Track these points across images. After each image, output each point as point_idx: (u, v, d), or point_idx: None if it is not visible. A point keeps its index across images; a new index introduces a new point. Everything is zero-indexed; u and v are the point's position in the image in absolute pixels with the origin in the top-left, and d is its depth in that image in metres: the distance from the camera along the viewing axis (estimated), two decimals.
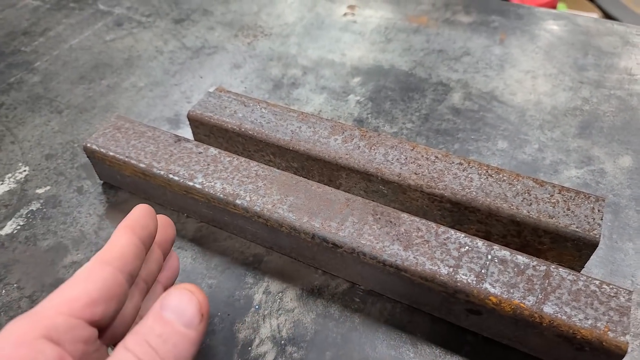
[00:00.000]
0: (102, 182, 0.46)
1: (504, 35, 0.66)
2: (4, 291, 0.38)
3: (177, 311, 0.23)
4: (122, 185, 0.45)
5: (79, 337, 0.22)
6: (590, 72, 0.59)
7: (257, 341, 0.34)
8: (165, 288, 0.31)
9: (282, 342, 0.34)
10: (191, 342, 0.23)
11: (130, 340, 0.22)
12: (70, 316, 0.22)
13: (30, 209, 0.44)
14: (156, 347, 0.22)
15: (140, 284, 0.28)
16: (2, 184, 0.46)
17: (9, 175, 0.47)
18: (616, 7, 1.90)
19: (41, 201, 0.44)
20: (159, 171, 0.40)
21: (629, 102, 0.54)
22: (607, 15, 1.90)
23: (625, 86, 0.57)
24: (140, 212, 0.28)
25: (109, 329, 0.25)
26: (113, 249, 0.25)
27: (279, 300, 0.37)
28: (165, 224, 0.32)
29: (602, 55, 0.62)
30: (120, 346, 0.22)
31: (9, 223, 0.43)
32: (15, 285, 0.38)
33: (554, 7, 1.68)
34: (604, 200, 0.36)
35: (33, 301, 0.37)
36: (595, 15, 1.85)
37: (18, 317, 0.22)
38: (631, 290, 0.31)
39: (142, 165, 0.40)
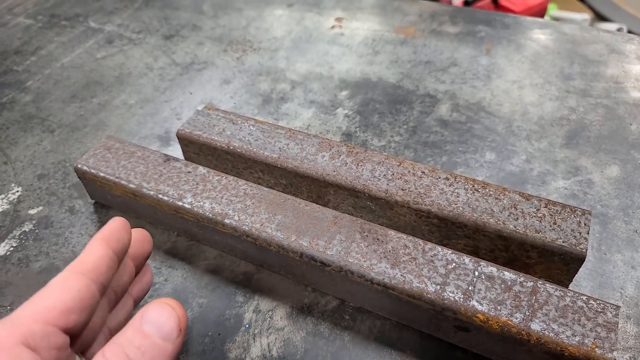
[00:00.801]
0: (93, 201, 0.46)
1: (490, 45, 0.66)
2: None
3: (156, 325, 0.24)
4: (113, 205, 0.45)
5: (53, 344, 0.23)
6: (577, 81, 0.60)
7: None
8: (136, 300, 0.32)
9: None
10: (168, 355, 0.23)
11: (109, 350, 0.23)
12: (46, 324, 0.23)
13: (23, 230, 0.44)
14: (134, 358, 0.23)
15: (110, 295, 0.29)
16: None
17: (2, 196, 0.47)
18: (607, 6, 1.91)
19: (34, 222, 0.45)
20: (148, 191, 0.40)
21: (615, 111, 0.55)
22: (598, 15, 1.91)
23: (612, 95, 0.57)
24: (115, 226, 0.28)
25: (79, 337, 0.26)
26: (87, 260, 0.26)
27: (269, 318, 0.37)
28: (141, 238, 0.32)
29: (589, 63, 0.62)
30: (99, 355, 0.23)
31: (2, 245, 0.43)
32: (8, 307, 0.38)
33: (544, 9, 1.68)
34: (590, 214, 0.36)
35: None
36: (586, 15, 1.87)
37: None
38: (619, 305, 0.32)
39: (132, 185, 0.40)
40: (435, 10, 0.75)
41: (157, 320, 0.24)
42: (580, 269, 0.37)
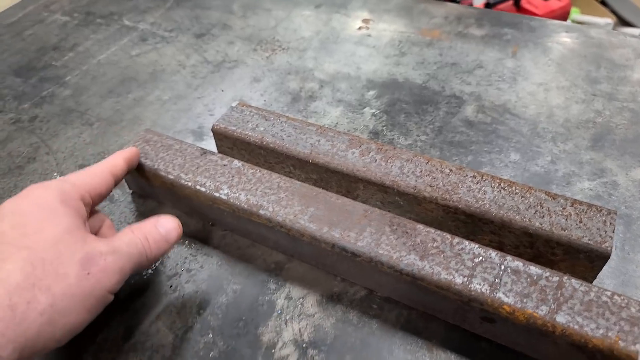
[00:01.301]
0: (131, 191, 0.48)
1: (516, 48, 0.67)
2: None
3: (165, 228, 0.36)
4: (150, 195, 0.47)
5: (104, 193, 0.38)
6: (603, 84, 0.60)
7: (280, 344, 0.36)
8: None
9: (304, 345, 0.36)
10: (165, 249, 0.36)
11: (135, 229, 0.35)
12: (78, 192, 0.35)
13: None
14: (149, 240, 0.34)
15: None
16: None
17: None
18: (630, 11, 1.90)
19: None
20: (186, 182, 0.42)
21: None
22: (621, 20, 1.89)
23: (638, 99, 0.58)
24: (134, 153, 0.42)
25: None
26: (116, 167, 0.39)
27: (300, 305, 0.39)
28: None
29: (615, 67, 0.63)
30: (127, 229, 0.35)
31: None
32: None
33: (567, 12, 1.68)
34: (615, 213, 0.37)
35: None
36: (609, 20, 1.85)
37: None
38: None
39: (170, 176, 0.42)
40: (461, 12, 0.76)
41: (167, 225, 0.36)
42: (604, 268, 0.38)
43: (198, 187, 0.41)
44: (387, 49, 0.69)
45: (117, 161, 0.39)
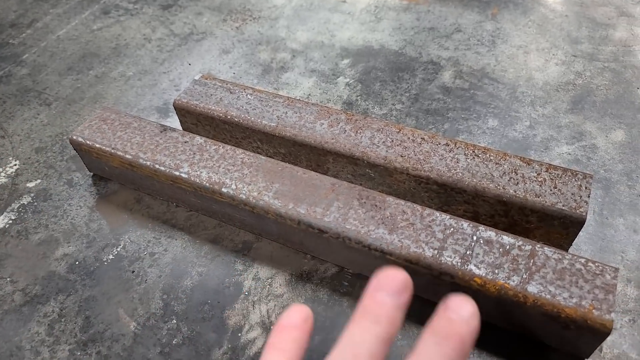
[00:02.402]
0: (91, 174, 0.46)
1: (496, 10, 0.65)
2: None
3: None
4: (111, 177, 0.45)
5: None
6: (584, 44, 0.58)
7: (246, 327, 0.35)
8: None
9: (272, 327, 0.35)
10: None
11: None
12: None
13: (22, 202, 0.44)
14: None
15: None
16: None
17: (0, 169, 0.47)
18: None
19: (32, 195, 0.45)
20: (145, 162, 0.40)
21: (623, 75, 0.53)
22: None
23: (620, 58, 0.56)
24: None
25: None
26: None
27: (268, 286, 0.37)
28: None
29: (597, 26, 0.60)
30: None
31: (1, 217, 0.43)
32: (8, 279, 0.39)
33: None
34: (591, 177, 0.36)
35: (26, 294, 0.38)
36: None
37: None
38: (618, 267, 0.31)
39: (128, 156, 0.40)
40: None
41: None
42: (581, 234, 0.37)
43: (157, 166, 0.39)
44: (363, 15, 0.66)
45: None
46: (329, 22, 0.65)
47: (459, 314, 0.23)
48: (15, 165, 0.47)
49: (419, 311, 0.35)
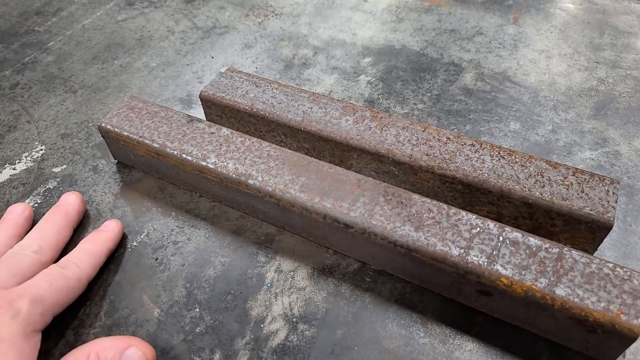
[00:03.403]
0: (116, 161, 0.46)
1: (518, 14, 0.65)
2: None
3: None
4: (136, 165, 0.45)
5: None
6: (607, 51, 0.58)
7: (269, 318, 0.35)
8: None
9: (294, 319, 0.35)
10: None
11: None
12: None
13: (47, 187, 0.45)
14: None
15: None
16: (19, 162, 0.47)
17: (26, 154, 0.48)
18: None
19: (58, 180, 0.45)
20: (172, 151, 0.40)
21: None
22: None
23: None
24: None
25: None
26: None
27: (290, 278, 0.37)
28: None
29: (619, 34, 0.60)
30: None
31: (27, 201, 0.43)
32: None
33: None
34: (618, 183, 0.36)
35: None
36: None
37: None
38: None
39: (155, 145, 0.41)
40: None
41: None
42: (605, 240, 0.37)
43: (184, 155, 0.40)
44: (384, 15, 0.66)
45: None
46: (351, 21, 0.65)
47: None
48: (41, 150, 0.48)
49: (441, 309, 0.35)
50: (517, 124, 0.49)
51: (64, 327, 0.35)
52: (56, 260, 0.36)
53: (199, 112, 0.51)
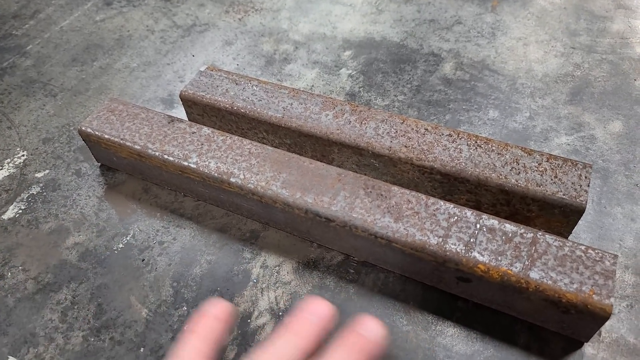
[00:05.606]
0: (99, 164, 0.47)
1: (496, 2, 0.65)
2: (9, 274, 0.39)
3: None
4: (119, 167, 0.45)
5: None
6: (583, 37, 0.59)
7: (255, 313, 0.36)
8: None
9: (280, 313, 0.36)
10: None
11: None
12: None
13: (31, 192, 0.45)
14: None
15: None
16: (1, 169, 0.47)
17: (8, 160, 0.48)
18: None
19: (41, 185, 0.45)
20: (154, 152, 0.40)
21: (620, 67, 0.54)
22: None
23: (617, 50, 0.56)
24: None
25: None
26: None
27: (276, 273, 0.38)
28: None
29: (595, 19, 0.61)
30: None
31: (11, 207, 0.44)
32: (20, 267, 0.40)
33: None
34: (591, 167, 0.37)
35: (38, 282, 0.38)
36: None
37: None
38: (617, 254, 0.32)
39: (137, 147, 0.41)
40: None
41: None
42: (580, 222, 0.38)
43: (166, 156, 0.40)
44: (364, 7, 0.66)
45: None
46: (331, 14, 0.65)
47: (370, 334, 0.25)
48: (23, 155, 0.48)
49: (423, 297, 0.36)
50: (496, 112, 0.50)
51: (52, 330, 0.35)
52: None
53: (180, 112, 0.51)
